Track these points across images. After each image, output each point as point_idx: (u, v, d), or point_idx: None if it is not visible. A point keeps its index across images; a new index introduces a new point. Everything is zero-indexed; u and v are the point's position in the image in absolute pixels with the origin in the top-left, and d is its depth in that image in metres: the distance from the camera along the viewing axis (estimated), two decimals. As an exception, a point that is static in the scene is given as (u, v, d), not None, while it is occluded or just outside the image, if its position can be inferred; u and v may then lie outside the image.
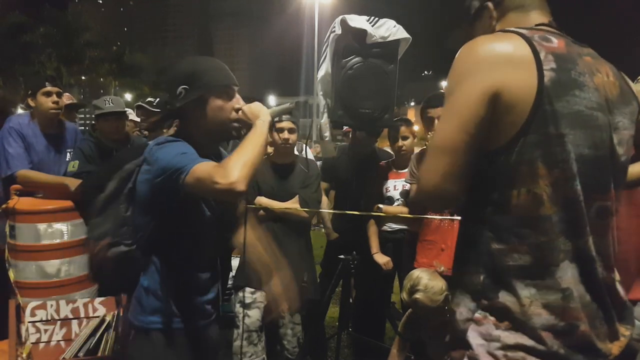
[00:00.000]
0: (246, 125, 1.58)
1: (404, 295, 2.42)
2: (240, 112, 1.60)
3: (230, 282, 3.40)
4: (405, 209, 3.08)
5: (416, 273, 2.44)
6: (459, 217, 1.32)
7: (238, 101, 1.64)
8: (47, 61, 24.35)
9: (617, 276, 1.17)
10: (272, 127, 2.90)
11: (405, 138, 3.21)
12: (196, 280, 1.69)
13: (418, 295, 2.35)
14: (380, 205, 3.15)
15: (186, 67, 1.68)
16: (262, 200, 2.81)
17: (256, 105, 1.59)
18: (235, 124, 1.63)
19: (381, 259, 3.12)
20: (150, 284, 1.64)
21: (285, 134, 2.81)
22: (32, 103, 3.08)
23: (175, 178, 1.44)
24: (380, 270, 3.09)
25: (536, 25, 1.20)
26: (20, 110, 3.84)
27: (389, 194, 3.25)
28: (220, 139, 1.75)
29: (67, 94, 3.27)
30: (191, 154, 1.51)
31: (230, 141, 3.45)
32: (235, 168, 1.40)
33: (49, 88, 3.04)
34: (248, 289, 2.74)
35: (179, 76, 1.63)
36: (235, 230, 1.87)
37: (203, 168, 1.43)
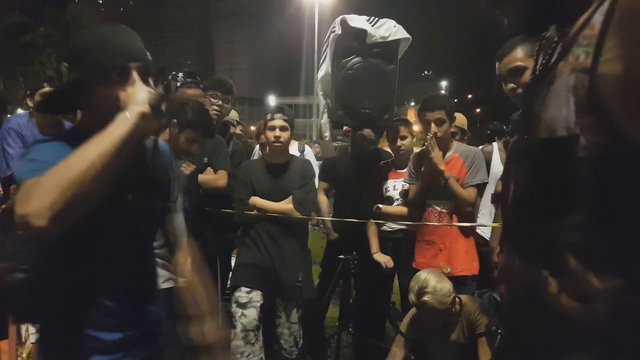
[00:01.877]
0: None
1: (412, 297, 2.39)
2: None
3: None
4: (404, 209, 3.08)
5: (423, 275, 2.40)
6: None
7: (132, 83, 1.17)
8: (47, 61, 24.28)
9: None
10: (265, 126, 2.88)
11: (403, 138, 3.20)
12: (92, 317, 1.22)
13: (427, 298, 2.32)
14: (380, 205, 3.15)
15: (76, 41, 1.29)
16: (256, 200, 2.80)
17: (132, 91, 1.15)
18: None
19: (381, 257, 3.12)
20: (46, 320, 1.27)
21: (277, 132, 2.76)
22: (30, 103, 3.10)
23: None
24: (380, 270, 3.09)
25: None
26: (20, 111, 3.84)
27: (388, 194, 3.25)
28: None
29: None
30: (39, 162, 1.08)
31: (231, 142, 3.44)
32: (39, 191, 0.96)
33: (47, 89, 3.05)
34: (244, 289, 2.74)
35: (66, 51, 1.27)
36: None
37: (24, 185, 1.03)
